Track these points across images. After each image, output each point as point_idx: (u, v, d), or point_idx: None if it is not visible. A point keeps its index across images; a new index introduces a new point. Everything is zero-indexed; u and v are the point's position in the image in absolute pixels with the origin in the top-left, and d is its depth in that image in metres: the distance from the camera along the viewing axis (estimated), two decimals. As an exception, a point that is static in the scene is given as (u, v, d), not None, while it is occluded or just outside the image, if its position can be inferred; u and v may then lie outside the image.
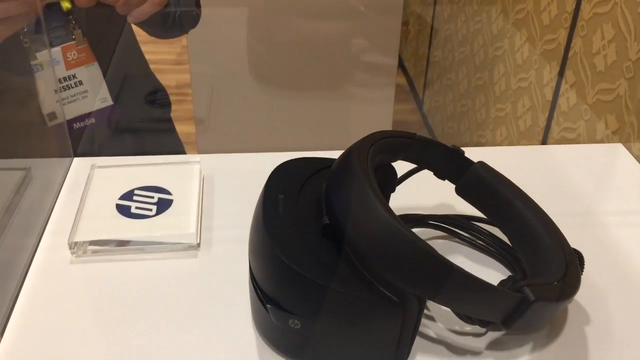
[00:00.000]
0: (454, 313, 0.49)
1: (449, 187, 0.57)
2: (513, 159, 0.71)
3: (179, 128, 1.03)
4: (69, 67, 0.74)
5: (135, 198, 0.62)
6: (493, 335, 0.50)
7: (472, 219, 0.59)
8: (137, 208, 0.60)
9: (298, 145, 0.71)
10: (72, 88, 0.76)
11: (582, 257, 0.52)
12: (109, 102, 0.80)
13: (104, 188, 0.63)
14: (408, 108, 2.24)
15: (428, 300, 0.48)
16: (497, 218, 0.56)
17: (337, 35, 1.51)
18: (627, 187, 0.68)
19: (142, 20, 0.73)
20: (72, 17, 0.74)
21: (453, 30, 1.84)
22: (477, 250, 0.58)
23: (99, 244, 0.57)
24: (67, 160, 0.69)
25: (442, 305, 0.44)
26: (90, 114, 0.78)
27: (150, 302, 0.53)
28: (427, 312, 0.52)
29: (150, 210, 0.60)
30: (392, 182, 0.55)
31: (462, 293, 0.42)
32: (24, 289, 0.54)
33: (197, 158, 0.67)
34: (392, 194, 0.56)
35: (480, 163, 0.56)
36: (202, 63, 1.48)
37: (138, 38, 0.93)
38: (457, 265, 0.41)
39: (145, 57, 0.96)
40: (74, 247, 0.57)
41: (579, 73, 1.11)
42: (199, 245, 0.59)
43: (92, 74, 0.76)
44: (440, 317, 0.52)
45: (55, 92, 0.74)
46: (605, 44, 1.01)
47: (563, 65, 1.19)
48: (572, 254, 0.50)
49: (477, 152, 0.59)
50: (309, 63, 1.52)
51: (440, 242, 0.59)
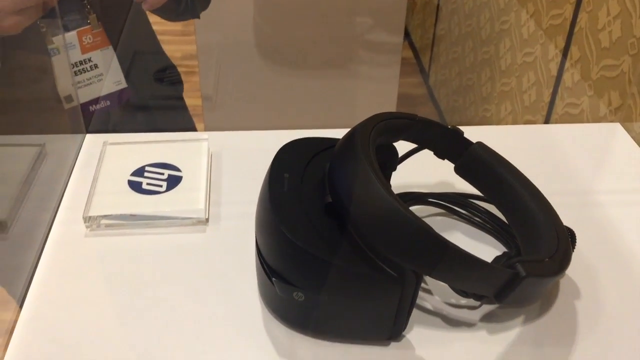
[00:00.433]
0: (450, 287, 0.51)
1: (448, 166, 0.59)
2: (511, 139, 0.73)
3: (186, 100, 1.04)
4: (85, 50, 0.76)
5: (146, 174, 0.64)
6: (487, 308, 0.53)
7: (470, 197, 0.61)
8: (148, 184, 0.63)
9: (304, 123, 0.72)
10: (87, 71, 0.78)
11: (574, 234, 0.54)
12: (123, 84, 0.81)
13: (116, 164, 0.65)
14: (414, 81, 2.24)
15: (425, 276, 0.51)
16: (493, 196, 0.58)
17: (343, 13, 1.51)
18: (623, 166, 0.70)
19: (156, 8, 0.75)
20: (86, 1, 0.76)
21: (460, 4, 1.83)
22: (474, 227, 0.61)
23: (112, 219, 0.60)
24: (79, 137, 0.71)
25: (438, 280, 0.47)
26: (105, 97, 0.80)
27: (161, 273, 0.55)
28: (424, 285, 0.54)
29: (161, 187, 0.63)
30: (393, 161, 0.57)
31: (456, 269, 0.44)
32: (42, 261, 0.57)
33: (205, 135, 0.69)
34: (393, 173, 0.57)
35: (479, 143, 0.58)
36: (208, 40, 1.48)
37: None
38: (452, 243, 0.43)
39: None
40: (89, 221, 0.60)
41: (584, 49, 1.12)
42: (208, 220, 0.61)
43: (107, 58, 0.78)
44: (437, 290, 0.54)
45: (71, 75, 0.75)
46: (611, 20, 1.02)
47: (568, 41, 1.19)
48: (564, 232, 0.52)
49: (476, 131, 0.61)
50: (316, 41, 1.52)
51: (439, 219, 0.62)
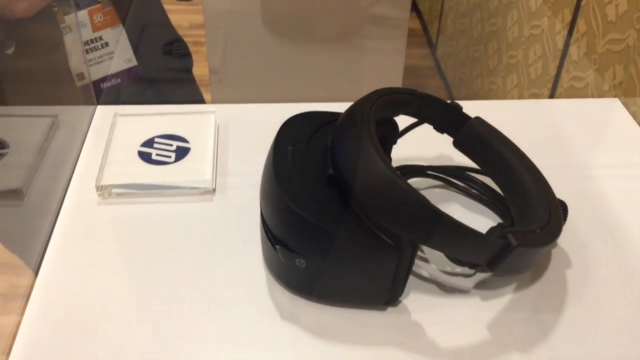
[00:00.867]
0: (445, 256, 0.54)
1: (447, 140, 0.61)
2: (510, 113, 0.74)
3: (193, 70, 1.05)
4: (96, 29, 0.77)
5: (156, 145, 0.66)
6: (480, 277, 0.55)
7: (467, 170, 0.63)
8: (157, 155, 0.65)
9: (311, 96, 0.73)
10: (98, 49, 0.79)
11: (566, 207, 0.56)
12: (134, 62, 0.83)
13: (127, 136, 0.68)
14: (422, 53, 2.24)
15: (421, 245, 0.53)
16: (490, 169, 0.60)
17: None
18: (619, 141, 0.71)
19: None
20: None
21: (468, -25, 1.82)
22: (471, 199, 0.63)
23: (123, 188, 0.62)
24: (91, 108, 0.74)
25: (433, 249, 0.49)
26: (116, 74, 0.82)
27: (170, 241, 0.58)
28: (421, 254, 0.57)
29: (170, 157, 0.65)
30: (394, 135, 0.59)
31: (450, 238, 0.46)
32: (57, 227, 0.59)
33: (212, 108, 0.71)
34: (393, 146, 0.59)
35: (477, 118, 0.59)
36: (215, 10, 1.49)
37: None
38: (446, 214, 0.45)
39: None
40: (101, 189, 0.62)
41: (591, 22, 1.12)
42: (214, 191, 0.63)
43: (117, 36, 0.79)
44: (433, 259, 0.56)
45: (83, 53, 0.77)
46: (618, -7, 1.02)
47: (575, 14, 1.19)
48: (556, 204, 0.54)
49: (477, 106, 0.62)
50: (322, 14, 1.52)
51: (438, 191, 0.64)
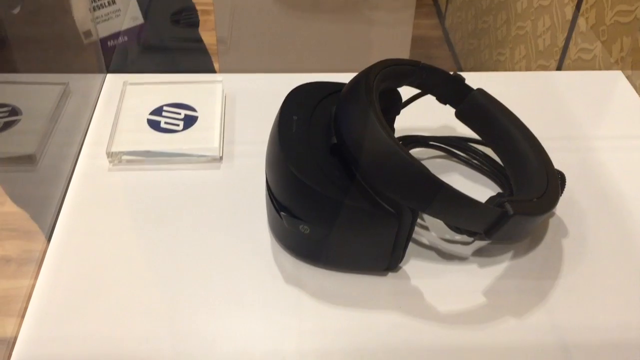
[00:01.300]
0: (445, 224, 0.55)
1: (450, 111, 0.62)
2: (514, 85, 0.75)
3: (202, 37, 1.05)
4: None
5: (164, 114, 0.67)
6: (479, 244, 0.57)
7: (469, 141, 0.64)
8: (166, 123, 0.66)
9: (317, 67, 0.74)
10: (105, 7, 0.80)
11: (564, 177, 0.57)
12: (140, 20, 0.83)
13: (136, 103, 0.69)
14: (430, 23, 2.22)
15: (421, 212, 0.54)
16: (490, 140, 0.61)
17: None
18: (620, 113, 0.72)
19: None
20: None
21: (478, -56, 1.80)
22: (472, 169, 0.64)
23: (133, 155, 0.64)
24: (101, 77, 0.75)
25: (433, 217, 0.50)
26: (124, 32, 0.83)
27: (178, 207, 0.60)
28: (421, 222, 0.58)
29: (178, 126, 0.66)
30: (397, 105, 0.59)
31: (449, 207, 0.48)
32: (69, 193, 0.61)
33: (219, 77, 0.72)
34: (397, 117, 0.60)
35: (479, 90, 0.60)
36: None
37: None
38: (446, 183, 0.46)
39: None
40: (111, 156, 0.64)
41: (600, -7, 1.11)
42: (222, 158, 0.65)
43: None
44: (433, 227, 0.58)
45: (90, 11, 0.78)
46: (627, -37, 1.01)
47: (585, -16, 1.18)
48: (554, 174, 0.55)
49: (481, 77, 0.63)
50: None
51: (439, 161, 0.65)
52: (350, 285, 0.53)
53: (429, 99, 0.61)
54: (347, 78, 0.54)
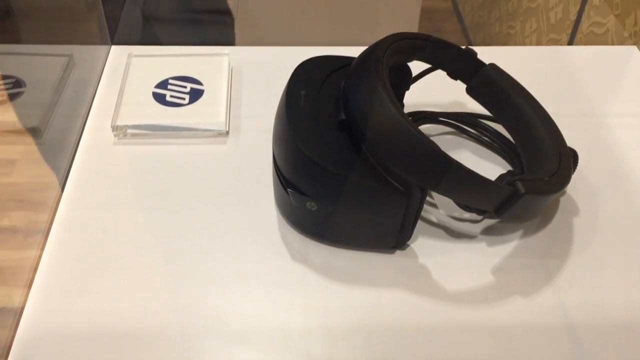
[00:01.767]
0: (454, 202, 0.55)
1: (461, 86, 0.61)
2: (527, 60, 0.73)
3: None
4: None
5: (170, 87, 0.66)
6: (488, 223, 0.56)
7: (479, 117, 0.63)
8: (171, 96, 0.66)
9: (325, 40, 0.72)
10: None
11: (576, 155, 0.56)
12: None
13: (141, 76, 0.68)
14: (440, -6, 2.19)
15: (430, 190, 0.54)
16: (502, 117, 0.60)
17: None
18: (634, 90, 0.71)
19: None
20: None
21: None
22: (482, 146, 0.63)
23: (138, 128, 0.63)
24: (105, 48, 0.74)
25: (442, 195, 0.50)
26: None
27: (183, 181, 0.59)
28: (430, 200, 0.58)
29: (184, 99, 0.65)
30: (407, 81, 0.58)
31: (459, 185, 0.47)
32: (75, 165, 0.61)
33: (226, 50, 0.71)
34: (406, 92, 0.59)
35: (491, 65, 0.59)
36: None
37: None
38: (455, 160, 0.45)
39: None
40: (116, 130, 0.63)
41: (614, -36, 1.09)
42: (228, 133, 0.64)
43: None
44: (442, 205, 0.57)
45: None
46: None
47: (599, -44, 1.16)
48: (567, 152, 0.54)
49: (491, 52, 0.62)
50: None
51: (449, 137, 0.64)
52: (357, 263, 0.53)
53: (439, 74, 0.60)
54: (355, 52, 0.53)
